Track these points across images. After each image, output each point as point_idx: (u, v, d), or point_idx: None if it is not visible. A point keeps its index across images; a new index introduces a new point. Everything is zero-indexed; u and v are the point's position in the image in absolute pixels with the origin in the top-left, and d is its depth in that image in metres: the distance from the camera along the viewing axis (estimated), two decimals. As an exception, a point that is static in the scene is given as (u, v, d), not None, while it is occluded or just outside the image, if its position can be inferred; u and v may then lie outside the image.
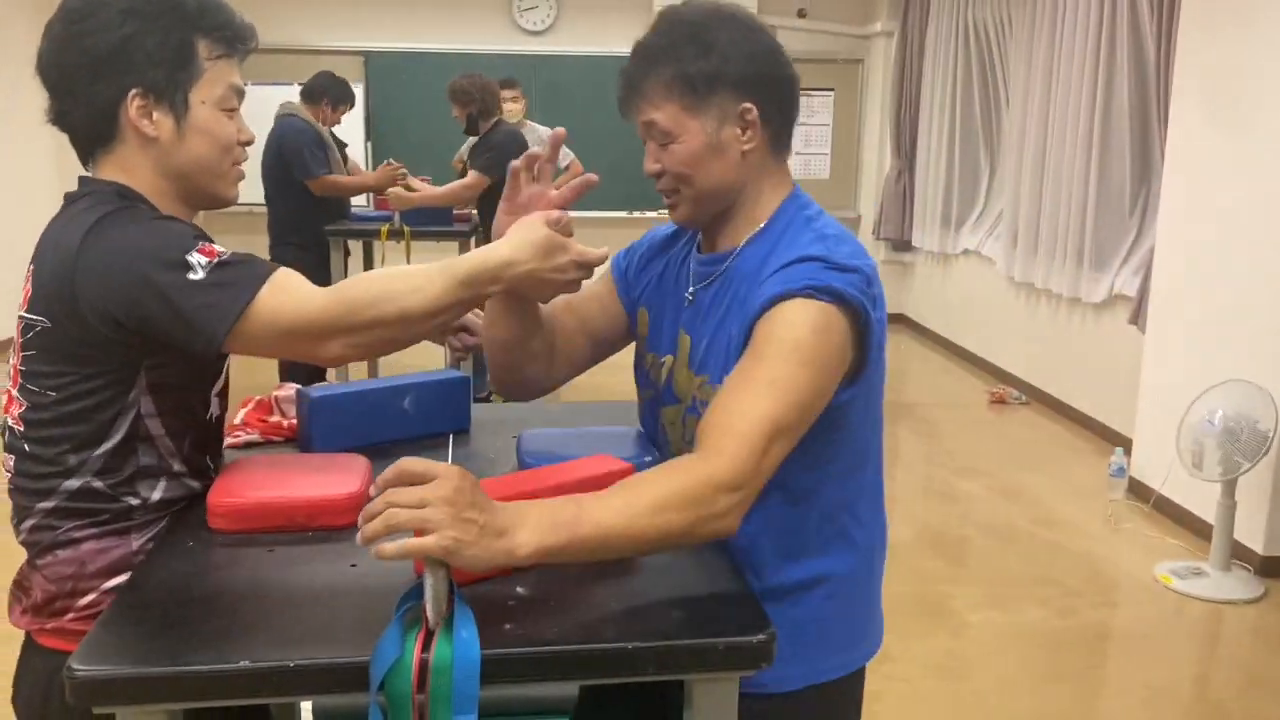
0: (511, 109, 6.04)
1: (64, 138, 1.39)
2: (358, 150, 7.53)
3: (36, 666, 1.32)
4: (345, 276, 4.41)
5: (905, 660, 3.17)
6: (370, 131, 8.19)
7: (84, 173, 1.40)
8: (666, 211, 1.49)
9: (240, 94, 1.41)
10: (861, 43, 8.53)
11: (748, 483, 1.19)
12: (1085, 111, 5.43)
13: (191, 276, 1.24)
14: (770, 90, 1.39)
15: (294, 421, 1.69)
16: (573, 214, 1.44)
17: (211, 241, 1.30)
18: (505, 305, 1.50)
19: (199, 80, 1.36)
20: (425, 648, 1.03)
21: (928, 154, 7.77)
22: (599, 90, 8.34)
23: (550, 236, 1.36)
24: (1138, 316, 4.80)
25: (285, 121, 5.01)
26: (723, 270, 1.43)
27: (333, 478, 1.38)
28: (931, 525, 4.34)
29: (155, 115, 1.34)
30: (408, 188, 5.30)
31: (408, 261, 5.26)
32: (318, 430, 1.61)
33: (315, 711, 2.66)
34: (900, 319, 8.40)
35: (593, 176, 1.53)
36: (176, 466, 1.36)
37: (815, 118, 8.59)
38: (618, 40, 8.83)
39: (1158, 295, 4.54)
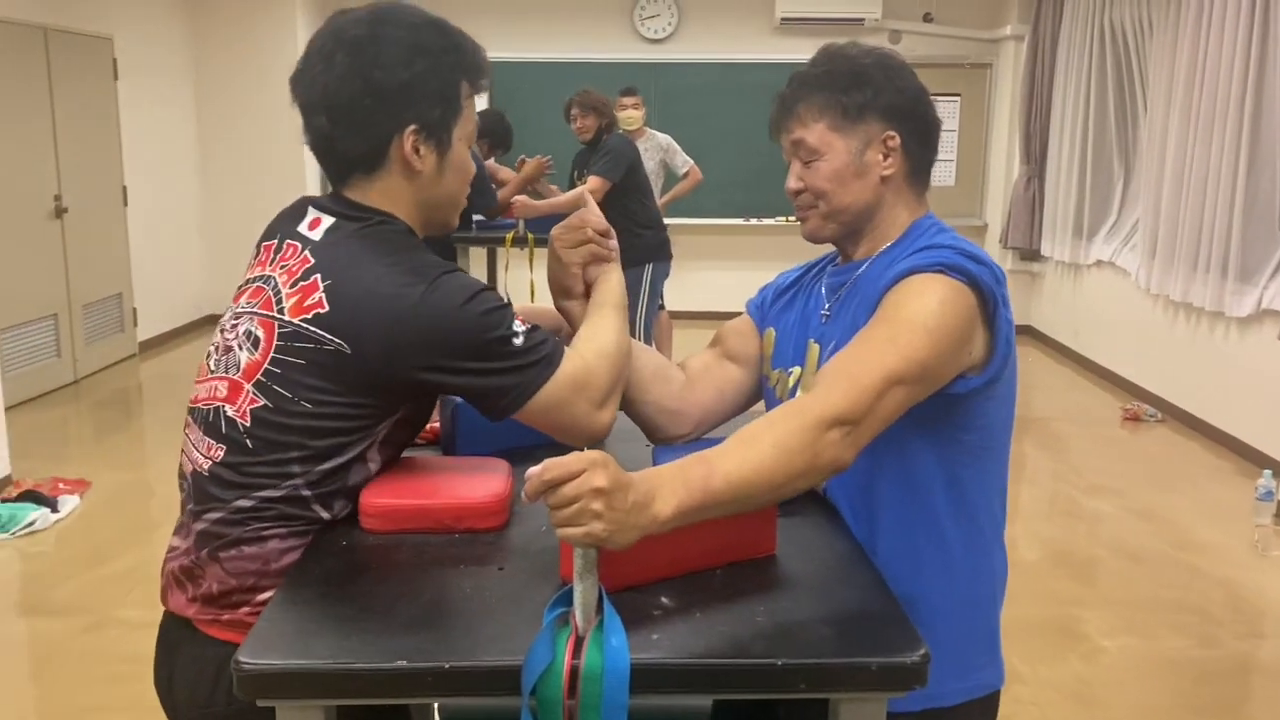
0: (632, 115, 6.09)
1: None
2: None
3: (202, 656, 1.33)
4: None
5: (1035, 684, 3.07)
6: (494, 140, 8.35)
7: (343, 193, 1.43)
8: (783, 219, 1.54)
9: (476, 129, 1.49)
10: (990, 46, 8.33)
11: (858, 418, 1.22)
12: (1233, 116, 5.19)
13: (516, 343, 1.34)
14: (914, 124, 1.46)
15: (435, 425, 1.73)
16: (691, 221, 1.53)
17: (513, 306, 1.39)
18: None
19: (459, 119, 1.42)
20: (576, 654, 1.04)
21: (1059, 161, 7.54)
22: (719, 97, 8.35)
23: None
24: (1288, 332, 4.56)
25: None
26: (854, 279, 1.48)
27: (477, 481, 1.40)
28: (1059, 544, 4.20)
29: (422, 150, 1.39)
30: (538, 192, 5.41)
31: (530, 268, 5.35)
32: (461, 435, 1.64)
33: (443, 713, 2.72)
34: (1027, 330, 8.16)
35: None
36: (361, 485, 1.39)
37: (941, 124, 8.42)
38: (738, 48, 8.86)
39: (1311, 310, 4.31)
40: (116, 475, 4.74)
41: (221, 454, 1.33)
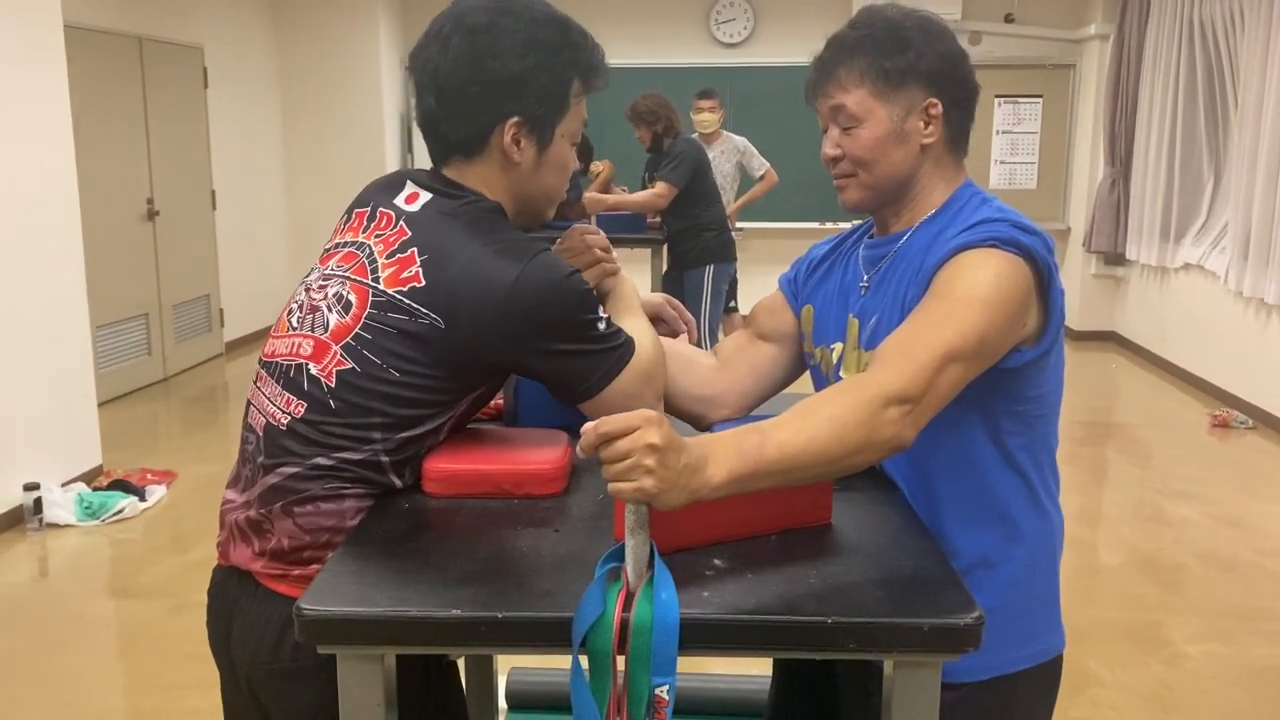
0: (707, 119, 6.09)
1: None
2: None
3: (265, 612, 1.35)
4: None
5: (1115, 688, 2.99)
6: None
7: (442, 171, 1.46)
8: (858, 222, 1.53)
9: (585, 126, 1.50)
10: (1073, 47, 8.15)
11: (918, 396, 1.19)
12: (1328, 111, 5.00)
13: (601, 328, 1.38)
14: (956, 90, 1.43)
15: (499, 401, 1.76)
16: (765, 225, 1.54)
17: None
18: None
19: (565, 116, 1.44)
20: (626, 608, 1.04)
21: (1145, 162, 7.34)
22: (796, 101, 8.27)
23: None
24: (1388, 333, 4.38)
25: None
26: (895, 250, 1.46)
27: (537, 450, 1.42)
28: (1143, 550, 4.08)
29: (523, 143, 1.41)
30: (607, 191, 5.46)
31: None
32: (524, 408, 1.66)
33: (509, 685, 2.75)
34: (1111, 336, 7.96)
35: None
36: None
37: (1022, 125, 8.27)
38: (813, 51, 8.74)
39: None
40: (202, 468, 4.89)
41: (303, 410, 1.34)
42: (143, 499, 4.45)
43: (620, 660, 1.04)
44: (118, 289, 6.16)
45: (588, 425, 1.07)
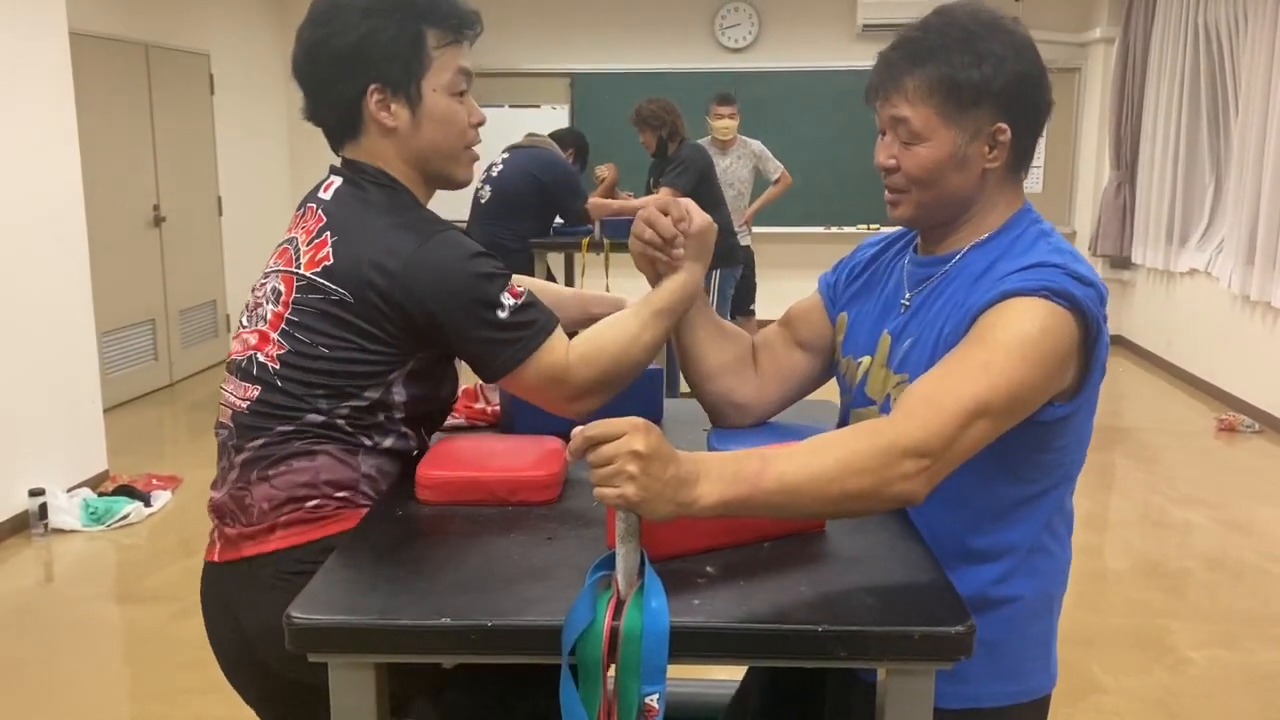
0: (727, 125, 6.08)
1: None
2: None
3: (270, 581, 1.37)
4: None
5: (1118, 693, 2.97)
6: (577, 151, 8.43)
7: (341, 157, 1.51)
8: (864, 227, 1.47)
9: (468, 76, 1.48)
10: (1079, 50, 8.14)
11: (937, 453, 1.14)
12: (1334, 114, 4.98)
13: (499, 315, 1.38)
14: (1029, 114, 1.34)
15: (497, 408, 1.76)
16: (773, 230, 1.50)
17: (511, 278, 1.42)
18: (704, 332, 1.57)
19: (429, 70, 1.44)
20: (616, 616, 1.04)
21: (1151, 166, 7.32)
22: (800, 106, 8.30)
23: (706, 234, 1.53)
24: (1394, 337, 4.35)
25: (547, 154, 5.22)
26: (943, 272, 1.39)
27: (531, 458, 1.42)
28: (1148, 555, 4.06)
29: (393, 107, 1.44)
30: (614, 197, 5.46)
31: (606, 273, 5.39)
32: (520, 415, 1.66)
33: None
34: (1117, 340, 7.93)
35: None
36: (405, 429, 1.47)
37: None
38: (819, 55, 8.80)
39: None
40: (207, 473, 4.85)
41: (256, 393, 1.42)
42: (148, 504, 4.46)
43: (610, 668, 1.04)
44: (124, 295, 6.18)
45: (576, 429, 1.08)
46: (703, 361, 1.58)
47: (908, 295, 1.43)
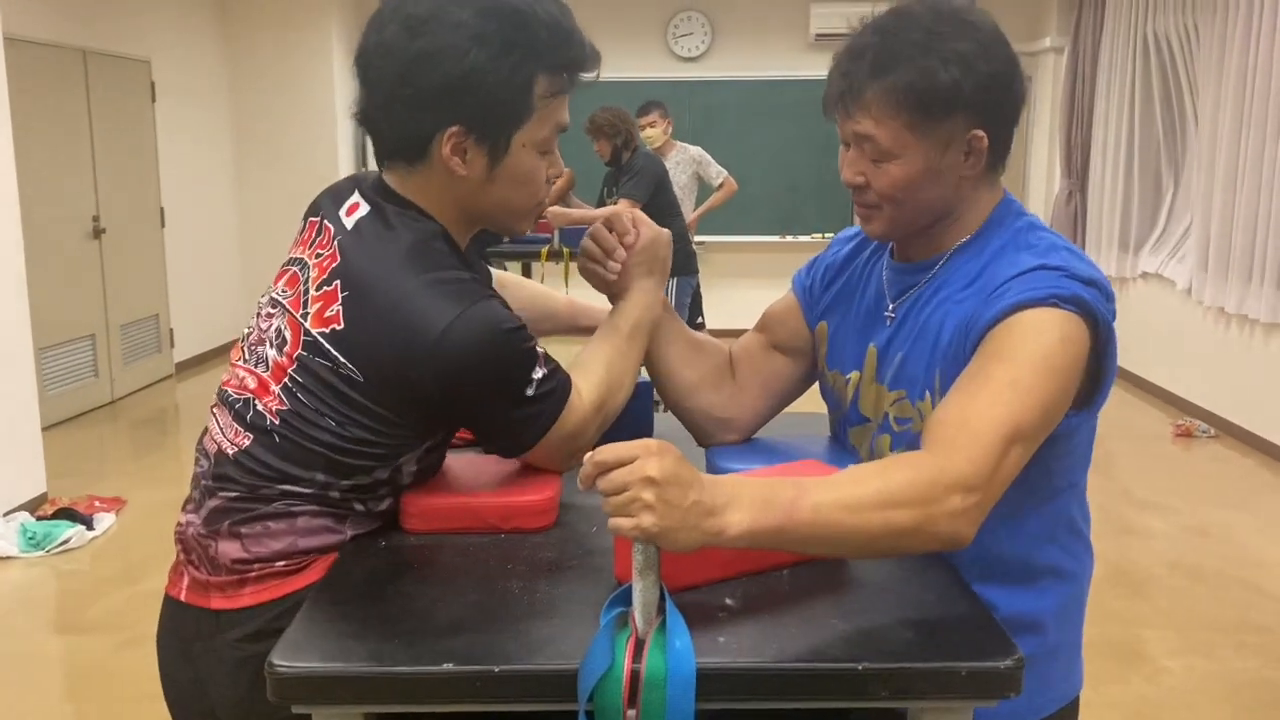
0: (650, 135, 6.02)
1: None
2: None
3: (232, 645, 1.23)
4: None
5: (1098, 705, 2.93)
6: (528, 158, 8.33)
7: (381, 171, 1.30)
8: (818, 235, 1.40)
9: (563, 130, 1.30)
10: (1029, 60, 8.21)
11: (984, 485, 1.06)
12: (1286, 122, 5.05)
13: (527, 392, 1.23)
14: (1005, 114, 1.24)
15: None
16: (726, 239, 1.41)
17: (538, 349, 1.26)
18: (675, 348, 1.48)
19: (528, 123, 1.23)
20: (636, 658, 0.95)
21: (1102, 174, 7.39)
22: (753, 115, 8.29)
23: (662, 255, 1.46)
24: (1350, 342, 4.41)
25: None
26: (927, 279, 1.31)
27: (525, 479, 1.32)
28: (1113, 562, 4.05)
29: (469, 155, 1.23)
30: (570, 205, 5.37)
31: (566, 283, 5.29)
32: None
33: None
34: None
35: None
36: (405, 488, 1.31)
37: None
38: (772, 65, 8.80)
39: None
40: (152, 494, 4.71)
41: (247, 443, 1.24)
42: (90, 527, 4.27)
43: (631, 715, 0.95)
44: (62, 309, 5.95)
45: (587, 455, 0.99)
46: (677, 378, 1.49)
47: (890, 307, 1.35)
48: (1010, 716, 1.26)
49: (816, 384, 1.54)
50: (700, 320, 6.10)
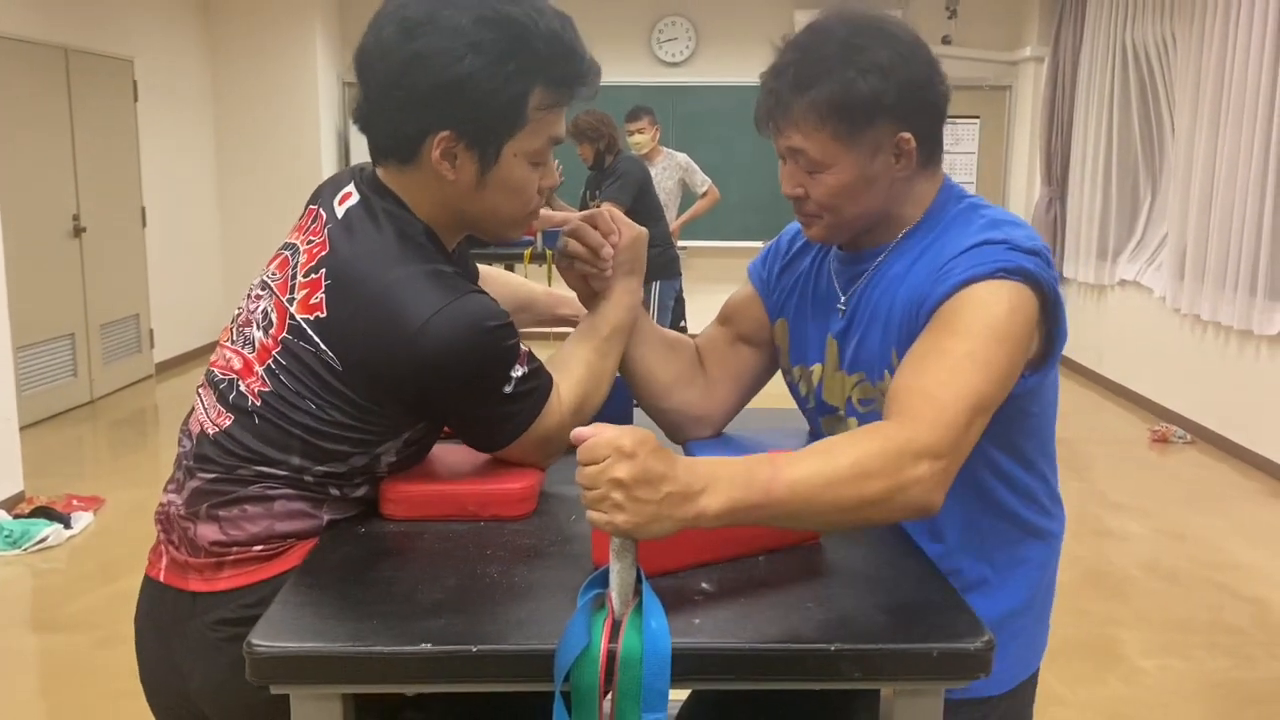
0: (638, 140, 6.04)
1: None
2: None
3: (208, 628, 1.24)
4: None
5: (1076, 706, 2.96)
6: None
7: (377, 172, 1.31)
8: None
9: (558, 143, 1.30)
10: (1009, 69, 8.29)
11: (949, 453, 1.10)
12: (1260, 132, 5.11)
13: (506, 390, 1.24)
14: (928, 115, 1.31)
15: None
16: (709, 244, 1.43)
17: (520, 345, 1.27)
18: (649, 348, 1.50)
19: (520, 133, 1.24)
20: (612, 638, 0.96)
21: (1081, 182, 7.46)
22: (737, 121, 8.32)
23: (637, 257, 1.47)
24: (1323, 348, 4.46)
25: None
26: (874, 267, 1.36)
27: (504, 468, 1.33)
28: (1090, 564, 4.09)
29: (459, 160, 1.23)
30: (553, 207, 5.38)
31: (549, 282, 5.30)
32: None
33: None
34: (1049, 353, 8.05)
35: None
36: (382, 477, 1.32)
37: (960, 146, 8.36)
38: (756, 70, 8.76)
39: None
40: (130, 493, 4.68)
41: (228, 423, 1.25)
42: (68, 526, 4.24)
43: (607, 695, 0.96)
44: (41, 308, 5.91)
45: (572, 432, 1.02)
46: (653, 378, 1.51)
47: (842, 299, 1.40)
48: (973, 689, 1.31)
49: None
50: (683, 325, 6.13)
